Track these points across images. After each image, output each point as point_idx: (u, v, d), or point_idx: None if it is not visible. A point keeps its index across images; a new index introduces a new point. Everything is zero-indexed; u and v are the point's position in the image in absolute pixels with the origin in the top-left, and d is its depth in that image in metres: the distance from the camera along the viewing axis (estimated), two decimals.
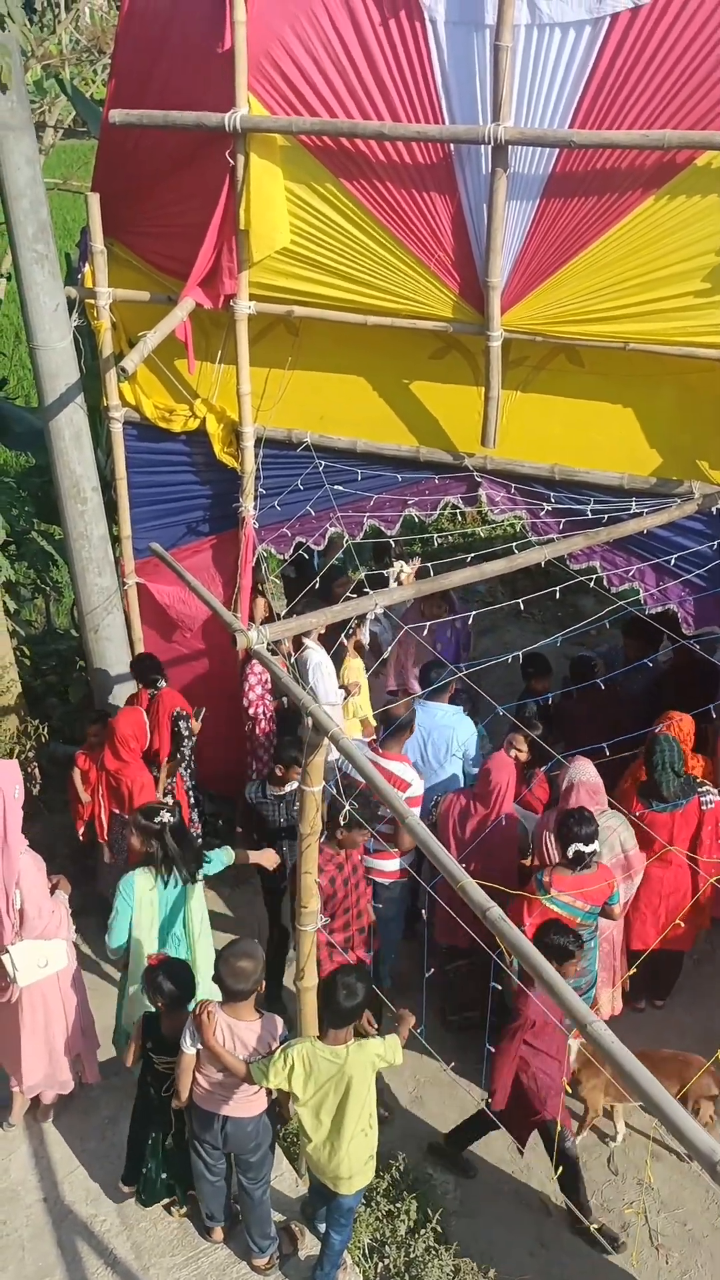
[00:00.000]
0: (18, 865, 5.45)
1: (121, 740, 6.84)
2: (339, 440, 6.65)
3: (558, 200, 5.65)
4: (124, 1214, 5.63)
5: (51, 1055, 5.85)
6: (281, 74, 5.74)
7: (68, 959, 5.75)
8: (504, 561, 5.80)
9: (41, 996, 5.71)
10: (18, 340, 15.51)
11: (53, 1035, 5.81)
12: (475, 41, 5.44)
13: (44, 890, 5.60)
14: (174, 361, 6.71)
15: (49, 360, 6.56)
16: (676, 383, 5.96)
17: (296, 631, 5.82)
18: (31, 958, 5.58)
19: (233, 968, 4.78)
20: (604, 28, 5.27)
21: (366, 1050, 4.77)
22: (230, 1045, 4.87)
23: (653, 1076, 3.02)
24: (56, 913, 5.65)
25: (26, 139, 6.08)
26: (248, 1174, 5.23)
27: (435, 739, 6.71)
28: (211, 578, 7.26)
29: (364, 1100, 4.81)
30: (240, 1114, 5.04)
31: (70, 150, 17.85)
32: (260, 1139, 5.15)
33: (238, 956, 4.81)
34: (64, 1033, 5.85)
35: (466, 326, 6.06)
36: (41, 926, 5.55)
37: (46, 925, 5.58)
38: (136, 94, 6.06)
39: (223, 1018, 4.88)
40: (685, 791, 6.29)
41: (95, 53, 12.92)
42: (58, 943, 5.67)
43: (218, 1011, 4.89)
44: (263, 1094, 5.06)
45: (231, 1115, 5.04)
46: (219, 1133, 5.09)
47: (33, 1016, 5.73)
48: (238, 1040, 4.88)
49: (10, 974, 5.58)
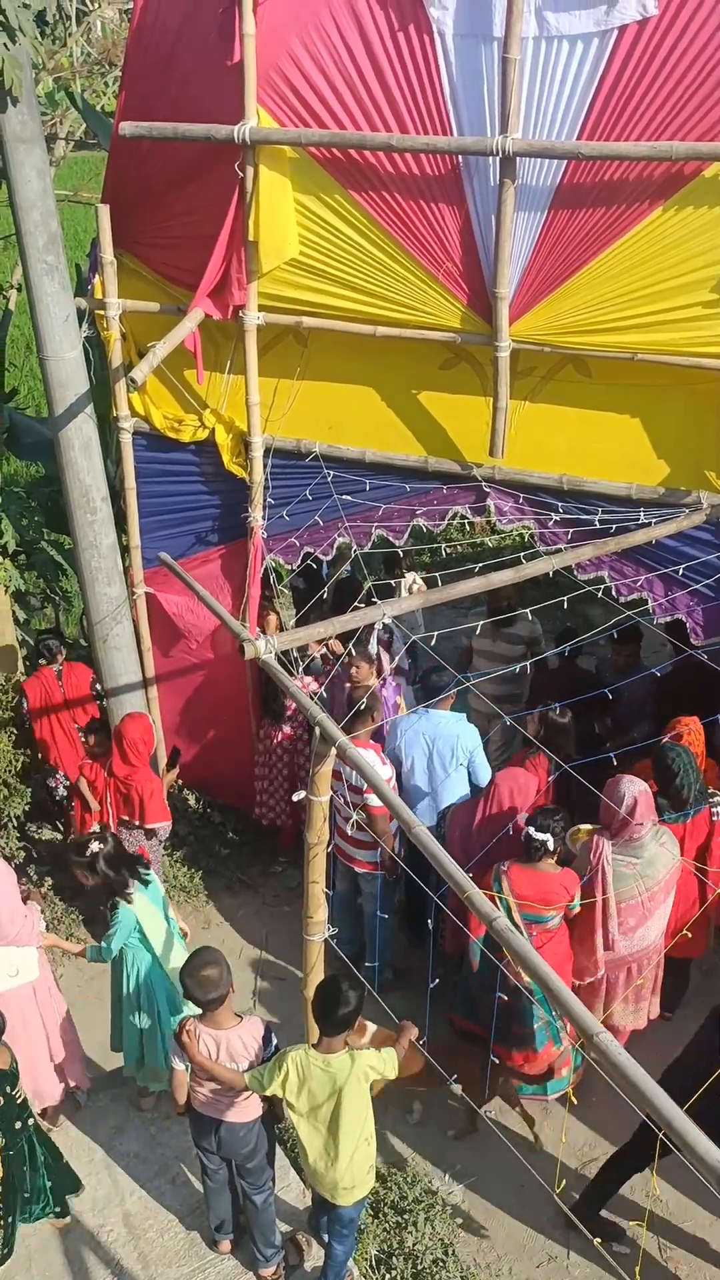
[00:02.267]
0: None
1: (130, 745, 6.86)
2: (347, 450, 6.66)
3: (566, 211, 5.66)
4: (131, 1224, 5.63)
5: (34, 1067, 5.82)
6: (290, 86, 5.77)
7: (39, 969, 5.73)
8: (512, 571, 5.80)
9: (19, 1007, 5.67)
10: (28, 351, 15.58)
11: (33, 1047, 5.79)
12: (483, 54, 5.46)
13: (15, 896, 5.60)
14: (183, 372, 6.73)
15: (59, 371, 6.59)
16: (684, 393, 5.96)
17: (305, 641, 5.83)
18: (1, 966, 5.58)
19: (199, 979, 4.78)
20: (611, 40, 5.29)
21: (359, 1061, 4.74)
22: (219, 1056, 4.88)
23: (659, 1088, 3.01)
24: (29, 918, 5.64)
25: (37, 151, 6.12)
26: (247, 1180, 5.24)
27: (440, 747, 6.71)
28: (220, 587, 7.27)
29: (359, 1111, 4.79)
30: (234, 1119, 5.05)
31: (81, 162, 17.93)
32: (255, 1144, 5.15)
33: (201, 966, 4.82)
34: (44, 1043, 5.84)
35: (475, 337, 6.07)
36: (14, 933, 5.54)
37: (19, 932, 5.56)
38: (147, 106, 6.09)
39: (205, 1031, 4.89)
40: (697, 800, 6.28)
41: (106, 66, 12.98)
42: (29, 951, 5.65)
43: (198, 1026, 4.90)
44: (256, 1099, 5.06)
45: (226, 1120, 5.05)
46: (214, 1138, 5.11)
47: (10, 1025, 5.70)
48: (224, 1050, 4.89)
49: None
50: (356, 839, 6.65)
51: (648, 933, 5.98)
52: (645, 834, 5.81)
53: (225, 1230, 5.50)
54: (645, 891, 5.84)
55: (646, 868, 5.82)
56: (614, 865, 5.80)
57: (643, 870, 5.82)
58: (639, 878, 5.82)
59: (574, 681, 7.76)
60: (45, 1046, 5.85)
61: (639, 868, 5.81)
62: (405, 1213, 5.66)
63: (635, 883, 5.82)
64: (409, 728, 6.79)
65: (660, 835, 5.91)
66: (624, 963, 6.02)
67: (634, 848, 5.81)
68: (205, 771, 8.08)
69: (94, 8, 13.13)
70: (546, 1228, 5.81)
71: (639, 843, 5.81)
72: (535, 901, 5.76)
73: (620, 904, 5.85)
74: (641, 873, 5.82)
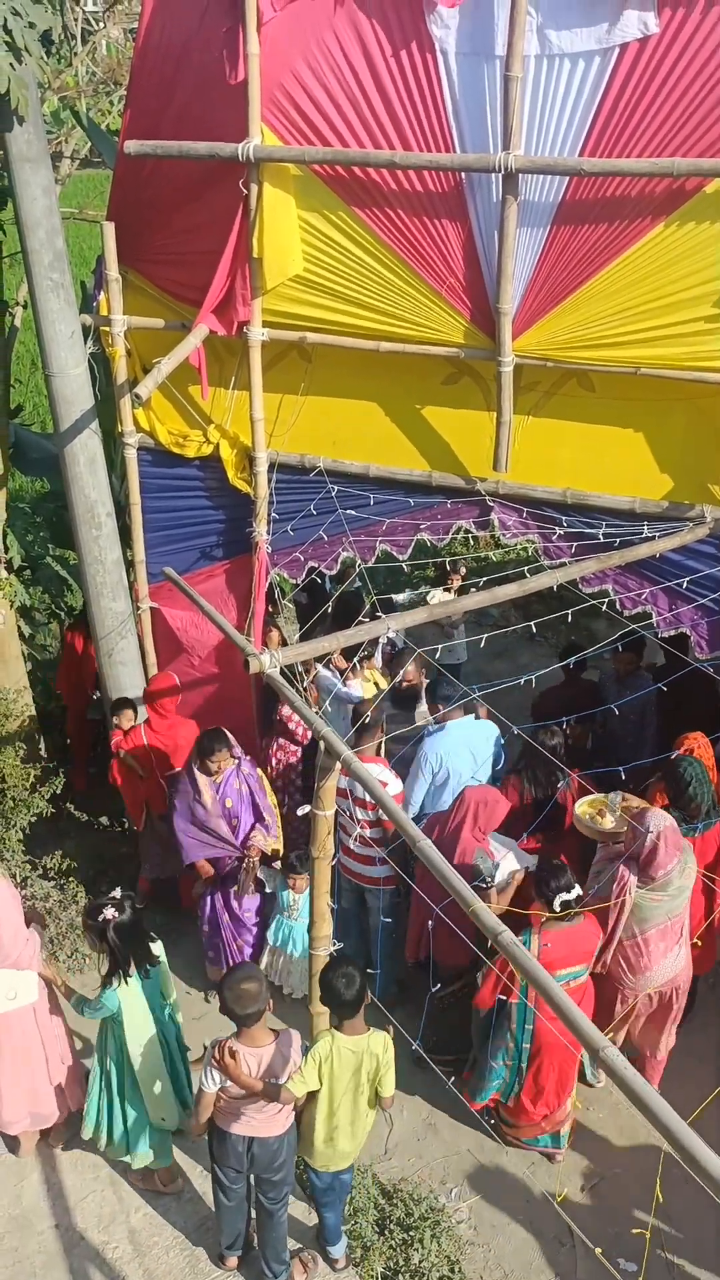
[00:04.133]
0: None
1: (161, 701, 7.19)
2: (352, 465, 6.68)
3: (568, 227, 5.69)
4: (136, 1241, 5.61)
5: (33, 1088, 5.81)
6: (294, 104, 5.81)
7: (38, 992, 5.71)
8: (516, 585, 5.81)
9: (19, 1028, 5.66)
10: (34, 367, 15.62)
11: (33, 1067, 5.77)
12: (485, 72, 5.50)
13: (19, 918, 5.58)
14: (188, 388, 6.76)
15: (64, 386, 6.62)
16: (688, 407, 5.97)
17: (310, 655, 5.84)
18: (1, 988, 5.57)
19: (237, 993, 4.76)
20: (613, 57, 5.32)
21: (378, 1037, 5.01)
22: (259, 1074, 4.87)
23: (665, 1104, 3.00)
24: (31, 941, 5.62)
25: (43, 170, 6.16)
26: (268, 1194, 5.21)
27: (482, 751, 6.74)
28: (225, 602, 7.28)
29: (373, 1082, 5.06)
30: (265, 1133, 5.03)
31: (86, 180, 18.03)
32: (285, 1157, 5.14)
33: (240, 981, 4.79)
34: (44, 1066, 5.82)
35: (478, 352, 6.09)
36: (15, 955, 5.53)
37: (20, 955, 5.55)
38: (151, 125, 6.13)
39: (245, 1050, 4.87)
40: (708, 814, 6.28)
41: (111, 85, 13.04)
42: (28, 974, 5.63)
43: (237, 1046, 4.87)
44: (288, 1111, 5.06)
45: (257, 1136, 5.03)
46: (244, 1155, 5.07)
47: (10, 1048, 5.69)
48: (264, 1067, 4.87)
49: None
50: (364, 854, 6.65)
51: (679, 959, 5.97)
52: (673, 869, 5.75)
53: (236, 1247, 5.48)
54: (670, 918, 5.82)
55: (670, 900, 5.80)
56: (640, 898, 5.75)
57: (666, 903, 5.79)
58: (665, 908, 5.80)
59: (577, 696, 7.78)
60: (45, 1069, 5.83)
61: (663, 901, 5.78)
62: (411, 1230, 5.64)
63: (664, 912, 5.79)
64: (446, 740, 6.80)
65: (686, 866, 5.84)
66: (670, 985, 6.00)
67: (661, 883, 5.76)
68: None
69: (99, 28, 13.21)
70: (553, 1244, 5.78)
71: (668, 874, 5.76)
72: (570, 962, 5.69)
73: (650, 931, 5.82)
74: (666, 906, 5.80)
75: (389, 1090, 5.06)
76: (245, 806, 6.63)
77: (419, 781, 6.79)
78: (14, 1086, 5.76)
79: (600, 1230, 5.73)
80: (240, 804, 6.61)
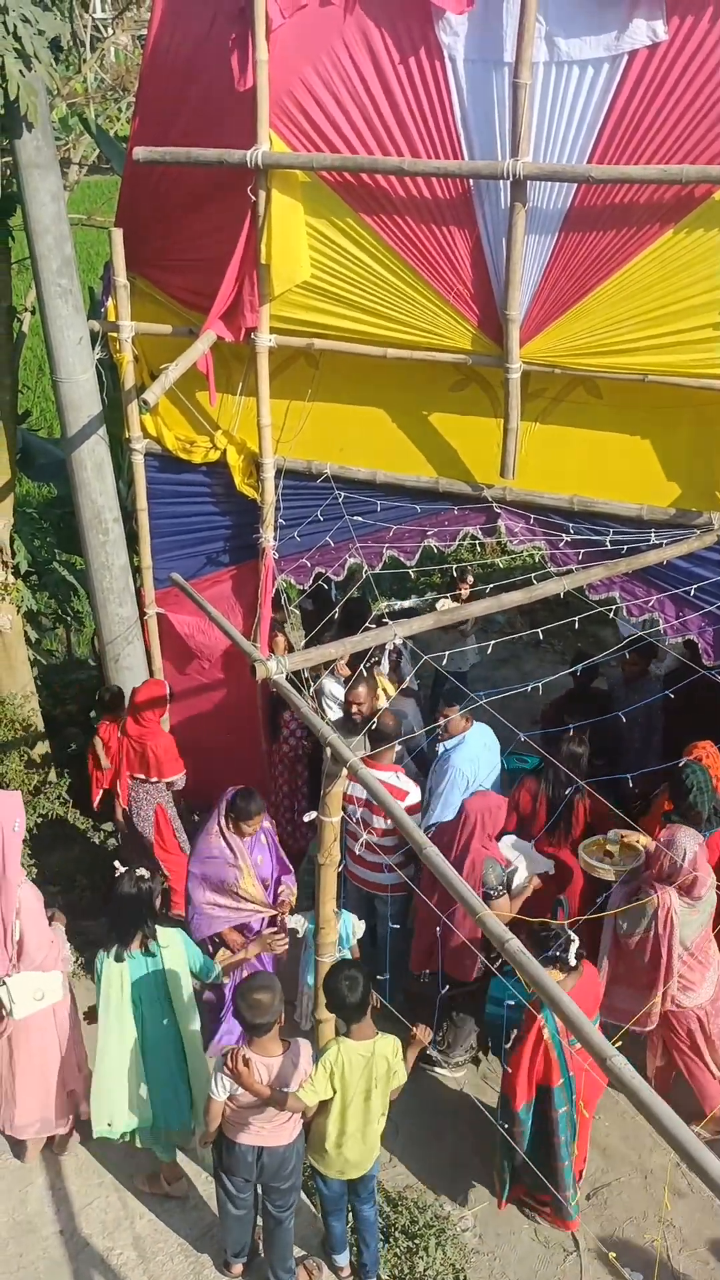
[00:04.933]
0: (16, 896, 5.46)
1: (144, 708, 7.12)
2: (359, 471, 6.68)
3: (576, 234, 5.69)
4: (140, 1248, 5.60)
5: (47, 1092, 5.81)
6: (303, 111, 5.82)
7: (63, 992, 5.73)
8: (523, 592, 5.81)
9: (39, 1030, 5.67)
10: (41, 373, 15.66)
11: (48, 1071, 5.78)
12: (494, 79, 5.50)
13: (43, 922, 5.60)
14: (195, 394, 6.77)
15: (72, 392, 6.63)
16: (695, 414, 5.97)
17: (316, 662, 5.84)
18: (28, 990, 5.58)
19: (251, 1001, 4.75)
20: (622, 64, 5.33)
21: (388, 1041, 5.00)
22: (270, 1083, 4.86)
23: (672, 1111, 2.99)
24: (55, 944, 5.64)
25: (51, 176, 6.18)
26: (276, 1202, 5.20)
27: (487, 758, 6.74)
28: (231, 608, 7.28)
29: (387, 1086, 5.06)
30: (275, 1143, 5.02)
31: (94, 186, 18.06)
32: (294, 1165, 5.13)
33: (254, 990, 4.79)
34: (61, 1068, 5.82)
35: (485, 359, 6.09)
36: (40, 958, 5.55)
37: (45, 957, 5.57)
38: (160, 131, 6.14)
39: (257, 1059, 4.86)
40: (710, 820, 6.26)
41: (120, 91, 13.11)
42: (54, 974, 5.66)
43: (249, 1054, 4.86)
44: (297, 1120, 5.05)
45: (266, 1145, 5.02)
46: (253, 1164, 5.06)
47: (28, 1051, 5.70)
48: (276, 1076, 4.86)
49: (7, 1006, 5.57)
50: (373, 861, 6.63)
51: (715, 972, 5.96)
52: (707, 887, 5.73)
53: (242, 1255, 5.47)
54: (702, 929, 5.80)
55: (703, 912, 5.79)
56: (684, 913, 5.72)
57: (701, 914, 5.78)
58: (698, 923, 5.78)
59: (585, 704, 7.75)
60: (60, 1074, 5.82)
61: (699, 913, 5.77)
62: (416, 1238, 5.62)
63: (701, 921, 5.78)
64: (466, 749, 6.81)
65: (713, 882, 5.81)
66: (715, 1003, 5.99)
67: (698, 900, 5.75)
68: (215, 791, 8.06)
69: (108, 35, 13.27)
70: (558, 1253, 5.76)
71: (704, 896, 5.74)
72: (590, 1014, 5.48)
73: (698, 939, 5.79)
74: (700, 919, 5.79)
75: (396, 1083, 5.08)
76: (271, 860, 6.39)
77: (455, 792, 6.75)
78: (28, 1093, 5.77)
79: (606, 1239, 5.71)
80: (269, 860, 6.36)
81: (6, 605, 7.72)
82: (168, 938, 5.54)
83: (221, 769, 7.73)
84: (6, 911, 5.44)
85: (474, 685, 8.23)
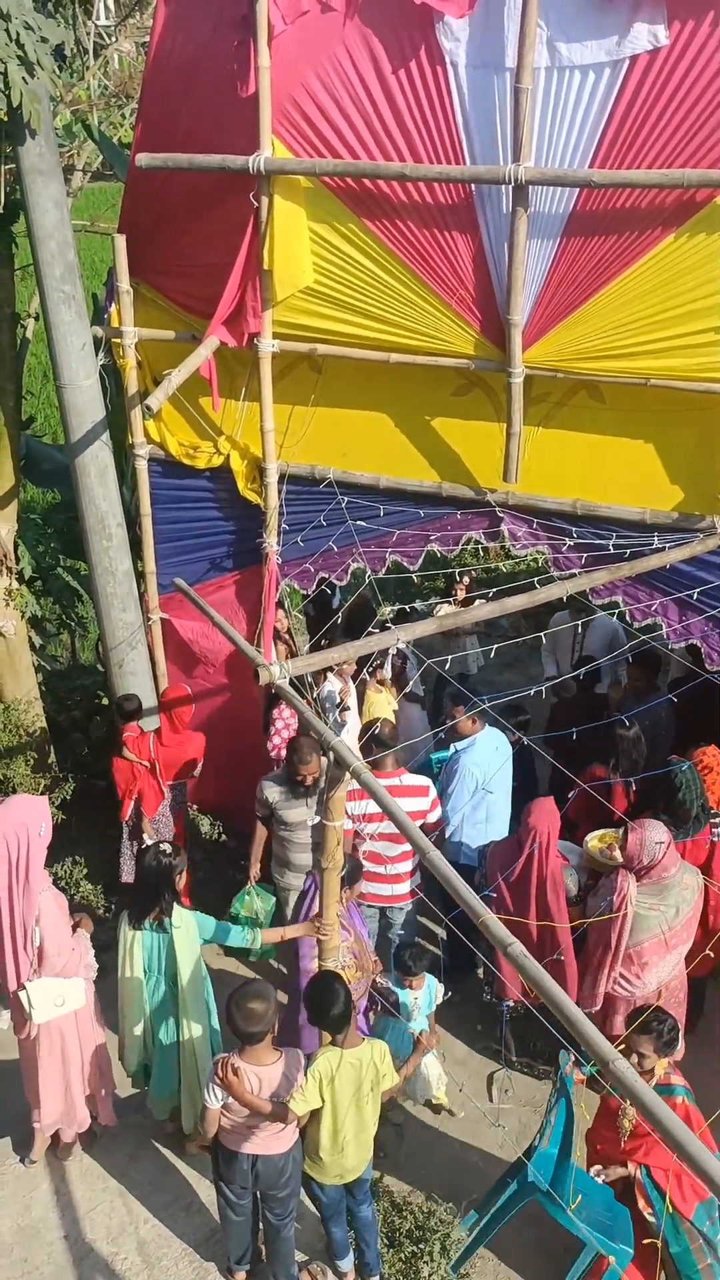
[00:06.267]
0: (38, 902, 5.46)
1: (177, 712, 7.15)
2: (362, 476, 6.69)
3: (578, 239, 5.70)
4: (145, 1253, 5.59)
5: (68, 1094, 5.83)
6: (305, 117, 5.83)
7: (85, 998, 5.74)
8: (526, 596, 5.80)
9: (59, 1034, 5.69)
10: (45, 379, 15.69)
11: (70, 1074, 5.79)
12: (495, 84, 5.51)
13: (65, 928, 5.60)
14: (198, 399, 6.78)
15: (75, 398, 6.64)
16: (697, 418, 5.97)
17: (319, 666, 5.84)
18: (48, 995, 5.58)
19: (244, 1011, 4.74)
20: (623, 69, 5.34)
21: (377, 1046, 5.00)
22: (261, 1093, 4.85)
23: (675, 1116, 2.98)
24: (76, 951, 5.64)
25: (55, 183, 6.20)
26: (274, 1210, 5.19)
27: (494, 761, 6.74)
28: (235, 613, 7.29)
29: (378, 1091, 5.04)
30: (270, 1151, 5.01)
31: (98, 193, 18.10)
32: (291, 1173, 5.12)
33: (248, 999, 4.78)
34: (80, 1072, 5.83)
35: (488, 363, 6.10)
36: (60, 964, 5.55)
37: (66, 963, 5.57)
38: (163, 138, 6.16)
39: (247, 1067, 4.85)
40: (698, 819, 6.28)
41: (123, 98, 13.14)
42: (76, 981, 5.66)
43: (240, 1063, 4.86)
44: (293, 1128, 5.04)
45: (261, 1154, 5.00)
46: (249, 1172, 5.05)
47: (50, 1054, 5.71)
48: (266, 1086, 4.85)
49: (26, 1011, 5.58)
50: (387, 874, 6.62)
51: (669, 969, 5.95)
52: (671, 877, 5.77)
53: (245, 1261, 5.45)
54: (669, 929, 5.81)
55: (670, 909, 5.79)
56: (639, 907, 5.76)
57: (665, 912, 5.79)
58: (662, 920, 5.79)
59: (591, 708, 7.74)
60: (81, 1077, 5.83)
61: (663, 910, 5.78)
62: (421, 1242, 5.60)
63: (659, 924, 5.79)
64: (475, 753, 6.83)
65: (682, 872, 5.85)
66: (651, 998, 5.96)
67: (660, 890, 5.77)
68: (220, 796, 8.08)
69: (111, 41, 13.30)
70: (563, 1258, 5.74)
71: (665, 885, 5.77)
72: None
73: (646, 942, 5.81)
74: (664, 915, 5.79)
75: (387, 1085, 5.08)
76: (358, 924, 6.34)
77: (463, 793, 6.76)
78: (49, 1095, 5.78)
79: None
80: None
81: (11, 610, 7.73)
82: (181, 918, 5.63)
83: (225, 773, 7.75)
84: (28, 916, 5.45)
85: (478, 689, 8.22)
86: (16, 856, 5.33)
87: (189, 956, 5.63)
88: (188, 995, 5.63)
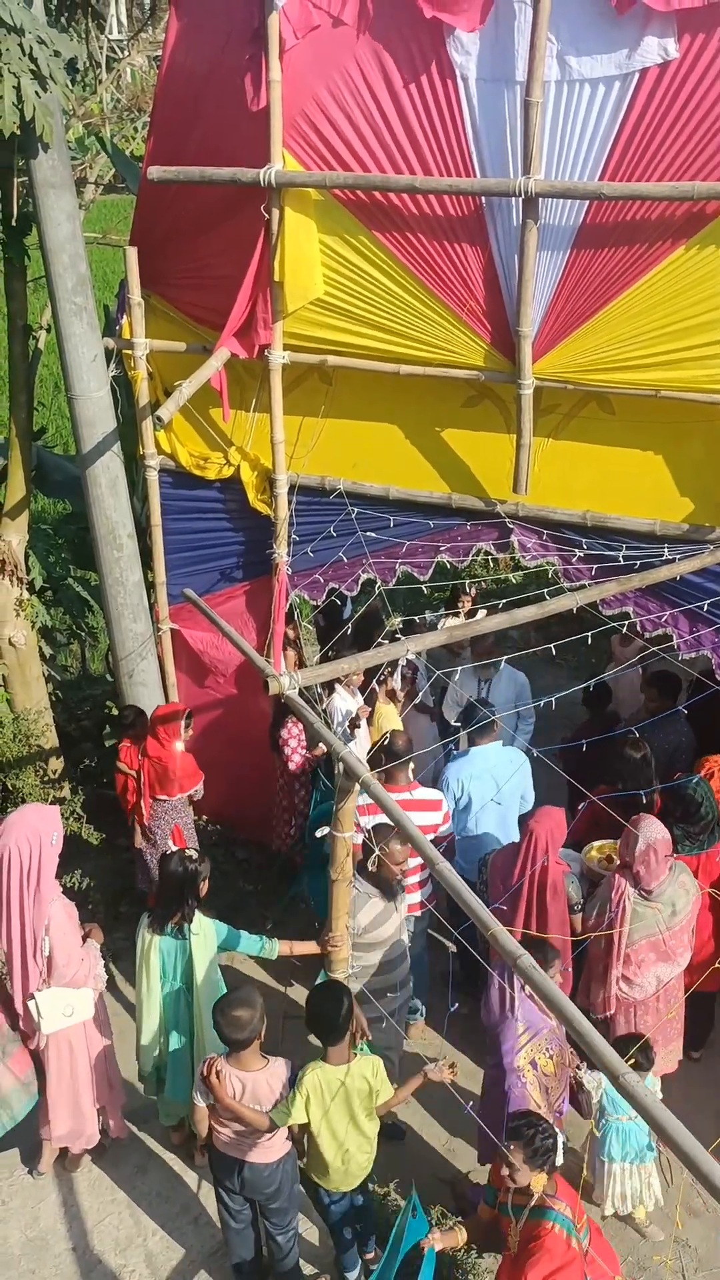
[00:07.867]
0: (48, 911, 5.47)
1: (164, 729, 7.08)
2: (372, 487, 6.70)
3: (588, 251, 5.71)
4: (153, 1265, 5.59)
5: (77, 1106, 5.82)
6: (315, 130, 5.85)
7: (94, 1009, 5.74)
8: (536, 608, 5.79)
9: (68, 1045, 5.69)
10: (56, 390, 15.76)
11: (79, 1086, 5.78)
12: (506, 97, 5.53)
13: (75, 938, 5.60)
14: (209, 410, 6.80)
15: (86, 409, 6.67)
16: (707, 430, 5.96)
17: (329, 677, 5.84)
18: (57, 1005, 5.58)
19: (229, 1018, 4.78)
20: (633, 82, 5.35)
21: (367, 1061, 4.98)
22: (244, 1098, 4.86)
23: (683, 1127, 2.97)
24: (86, 961, 5.64)
25: (67, 196, 6.23)
26: (272, 1220, 5.21)
27: (502, 777, 6.72)
28: (245, 623, 7.30)
29: (369, 1103, 5.01)
30: (258, 1159, 5.02)
31: (110, 205, 18.19)
32: (280, 1184, 5.12)
33: (234, 1006, 4.81)
34: (90, 1084, 5.82)
35: (498, 375, 6.11)
36: (70, 975, 5.55)
37: (75, 974, 5.58)
38: (174, 151, 6.19)
39: (232, 1071, 4.87)
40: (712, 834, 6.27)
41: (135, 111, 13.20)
42: (85, 992, 5.66)
43: (225, 1067, 4.88)
44: (280, 1138, 5.04)
45: (250, 1161, 5.02)
46: (237, 1178, 5.07)
47: (58, 1065, 5.71)
48: (249, 1092, 4.87)
49: (35, 1021, 5.58)
50: None
51: (671, 969, 5.92)
52: (665, 881, 5.81)
53: (247, 1271, 5.44)
54: (667, 929, 5.80)
55: (666, 908, 5.80)
56: (635, 904, 5.79)
57: (662, 911, 5.80)
58: (658, 919, 5.80)
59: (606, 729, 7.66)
60: (90, 1088, 5.83)
61: (660, 909, 5.80)
62: None
63: (656, 922, 5.80)
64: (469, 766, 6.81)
65: (677, 873, 5.89)
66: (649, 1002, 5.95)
67: (656, 890, 5.79)
68: (229, 807, 8.08)
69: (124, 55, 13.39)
70: None
71: (660, 885, 5.80)
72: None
73: (641, 941, 5.80)
74: (661, 914, 5.80)
75: (382, 1099, 5.04)
76: None
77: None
78: (59, 1105, 5.78)
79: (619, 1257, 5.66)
80: None
81: (21, 621, 7.75)
82: (201, 925, 5.65)
83: (235, 784, 7.76)
84: (37, 926, 5.45)
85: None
86: (28, 865, 5.35)
87: (206, 963, 5.65)
88: (203, 1001, 5.62)
